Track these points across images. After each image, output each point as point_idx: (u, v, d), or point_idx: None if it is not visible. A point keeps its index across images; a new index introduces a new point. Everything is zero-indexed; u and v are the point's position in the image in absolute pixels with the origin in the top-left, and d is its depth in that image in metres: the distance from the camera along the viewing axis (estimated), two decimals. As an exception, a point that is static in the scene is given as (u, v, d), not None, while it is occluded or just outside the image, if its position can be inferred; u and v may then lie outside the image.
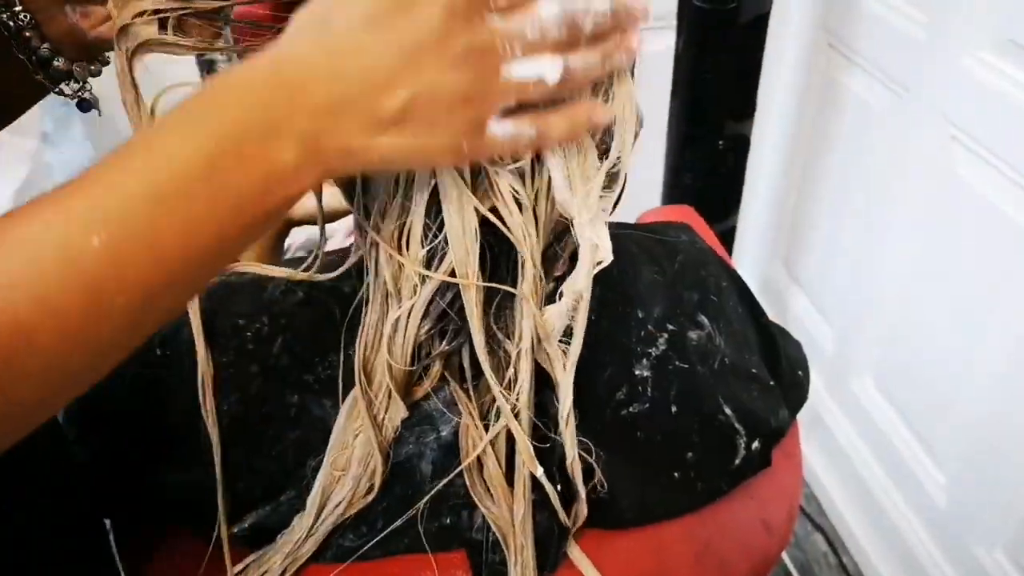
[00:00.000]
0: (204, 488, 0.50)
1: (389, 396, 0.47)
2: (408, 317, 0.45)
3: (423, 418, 0.49)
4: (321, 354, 0.51)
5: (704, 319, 0.57)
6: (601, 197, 0.44)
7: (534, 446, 0.46)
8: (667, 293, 0.56)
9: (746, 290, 0.66)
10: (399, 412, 0.47)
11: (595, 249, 0.44)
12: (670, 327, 0.55)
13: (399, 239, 0.45)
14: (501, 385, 0.45)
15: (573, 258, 0.46)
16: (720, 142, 1.38)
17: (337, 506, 0.47)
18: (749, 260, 1.85)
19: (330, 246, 1.11)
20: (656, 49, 1.54)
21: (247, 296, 0.53)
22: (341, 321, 0.50)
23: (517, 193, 0.42)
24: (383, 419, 0.47)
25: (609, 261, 0.44)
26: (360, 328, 0.48)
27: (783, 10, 1.48)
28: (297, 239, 1.06)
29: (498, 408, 0.46)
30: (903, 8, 1.23)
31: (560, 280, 0.47)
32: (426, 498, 0.48)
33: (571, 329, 0.46)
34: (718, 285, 0.60)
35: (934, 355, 1.25)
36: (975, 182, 1.12)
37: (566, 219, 0.44)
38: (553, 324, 0.45)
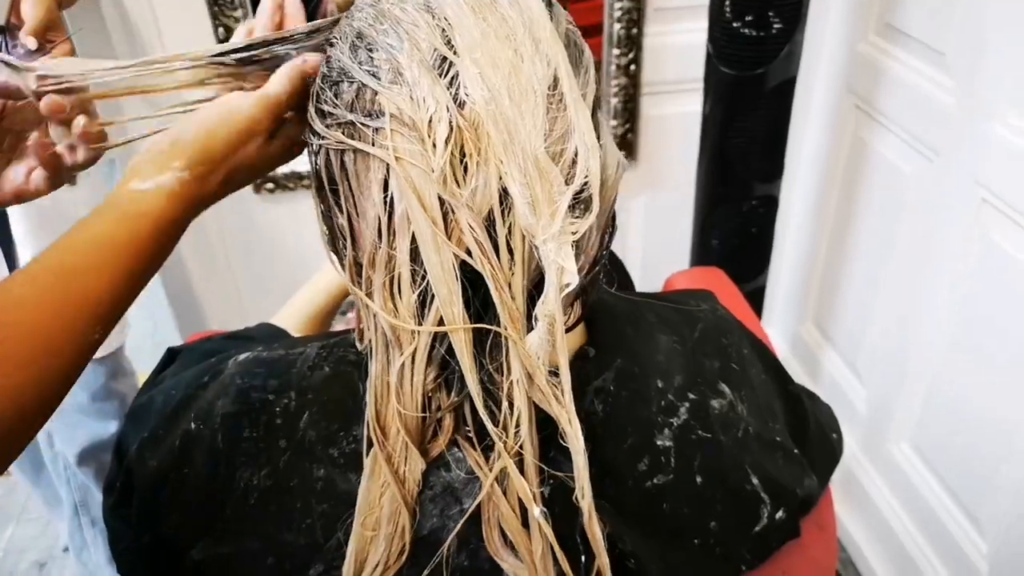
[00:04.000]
0: (232, 562, 0.51)
1: (406, 448, 0.47)
2: (412, 364, 0.46)
3: (445, 490, 0.49)
4: (345, 428, 0.51)
5: (726, 388, 0.57)
6: (572, 223, 0.44)
7: (550, 499, 0.46)
8: (687, 362, 0.56)
9: (770, 357, 0.65)
10: (418, 464, 0.48)
11: (561, 271, 0.43)
12: (691, 396, 0.55)
13: (391, 287, 0.46)
14: (498, 426, 0.45)
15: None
16: (748, 203, 1.38)
17: (374, 570, 0.47)
18: (779, 319, 1.84)
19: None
20: (684, 111, 1.57)
21: (277, 371, 0.54)
22: (364, 395, 0.51)
23: (474, 230, 0.43)
24: (403, 472, 0.48)
25: (576, 284, 0.43)
26: (368, 382, 0.48)
27: (810, 73, 1.49)
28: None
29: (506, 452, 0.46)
30: (930, 73, 1.24)
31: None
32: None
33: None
34: (740, 353, 0.60)
35: (975, 418, 1.22)
36: (1008, 245, 1.11)
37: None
38: (536, 353, 0.44)
